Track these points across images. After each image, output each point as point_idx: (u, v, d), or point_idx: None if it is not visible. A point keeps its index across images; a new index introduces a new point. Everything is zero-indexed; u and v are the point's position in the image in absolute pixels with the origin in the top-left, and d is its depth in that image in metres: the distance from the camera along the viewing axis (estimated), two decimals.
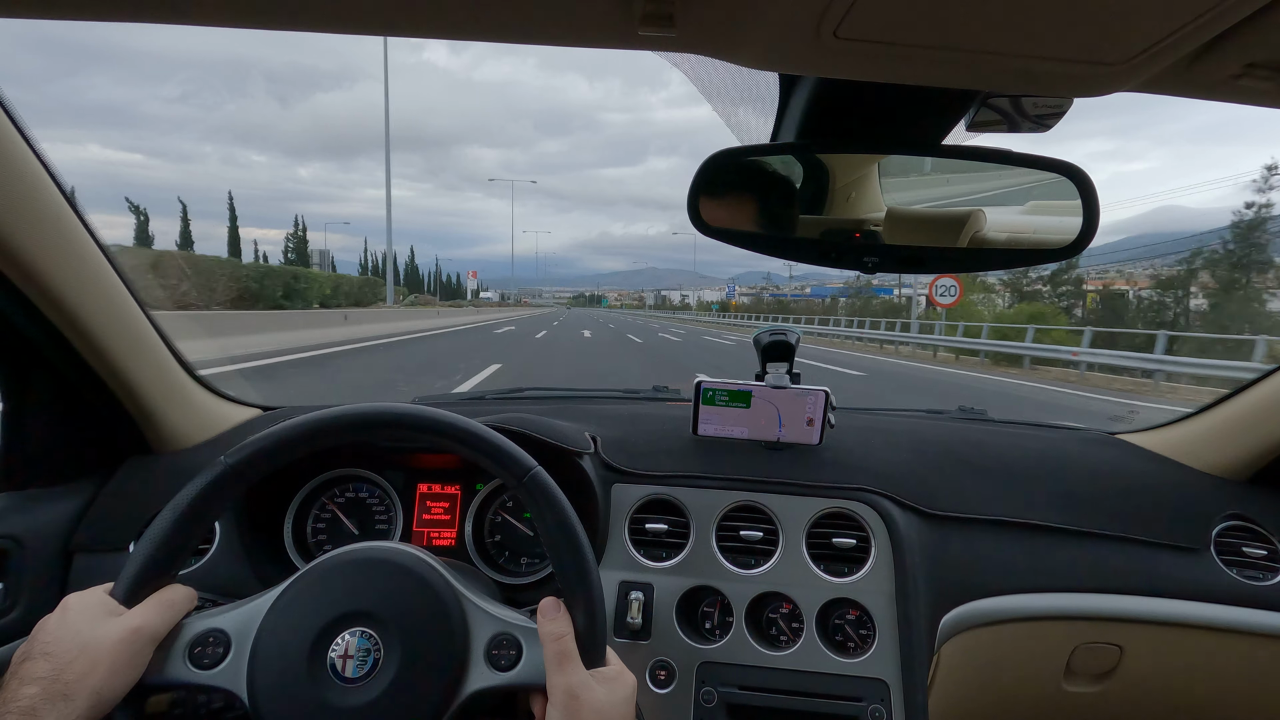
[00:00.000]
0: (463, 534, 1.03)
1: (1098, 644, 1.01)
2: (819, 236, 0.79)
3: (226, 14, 0.49)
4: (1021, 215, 0.77)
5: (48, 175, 0.76)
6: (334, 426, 0.67)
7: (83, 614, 0.58)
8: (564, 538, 0.66)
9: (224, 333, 11.61)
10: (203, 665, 0.61)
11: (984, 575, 0.98)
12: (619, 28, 0.48)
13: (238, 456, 0.64)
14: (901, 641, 0.89)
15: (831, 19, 0.44)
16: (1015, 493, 1.06)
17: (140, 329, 0.95)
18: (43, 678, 0.53)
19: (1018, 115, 0.62)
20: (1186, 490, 1.10)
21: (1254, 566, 1.03)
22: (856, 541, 0.95)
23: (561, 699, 0.59)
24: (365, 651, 0.61)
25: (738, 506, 0.99)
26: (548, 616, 0.64)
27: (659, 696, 0.89)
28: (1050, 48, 0.46)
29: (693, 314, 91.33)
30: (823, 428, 1.03)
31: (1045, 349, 15.26)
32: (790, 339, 1.04)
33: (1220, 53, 0.48)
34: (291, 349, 11.59)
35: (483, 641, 0.64)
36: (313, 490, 1.03)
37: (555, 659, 0.61)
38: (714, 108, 0.74)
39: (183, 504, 0.62)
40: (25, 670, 0.54)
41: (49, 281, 0.77)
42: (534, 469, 0.68)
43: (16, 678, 0.54)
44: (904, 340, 20.55)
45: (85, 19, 0.50)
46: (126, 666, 0.57)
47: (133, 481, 1.01)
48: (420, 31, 0.51)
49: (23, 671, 0.54)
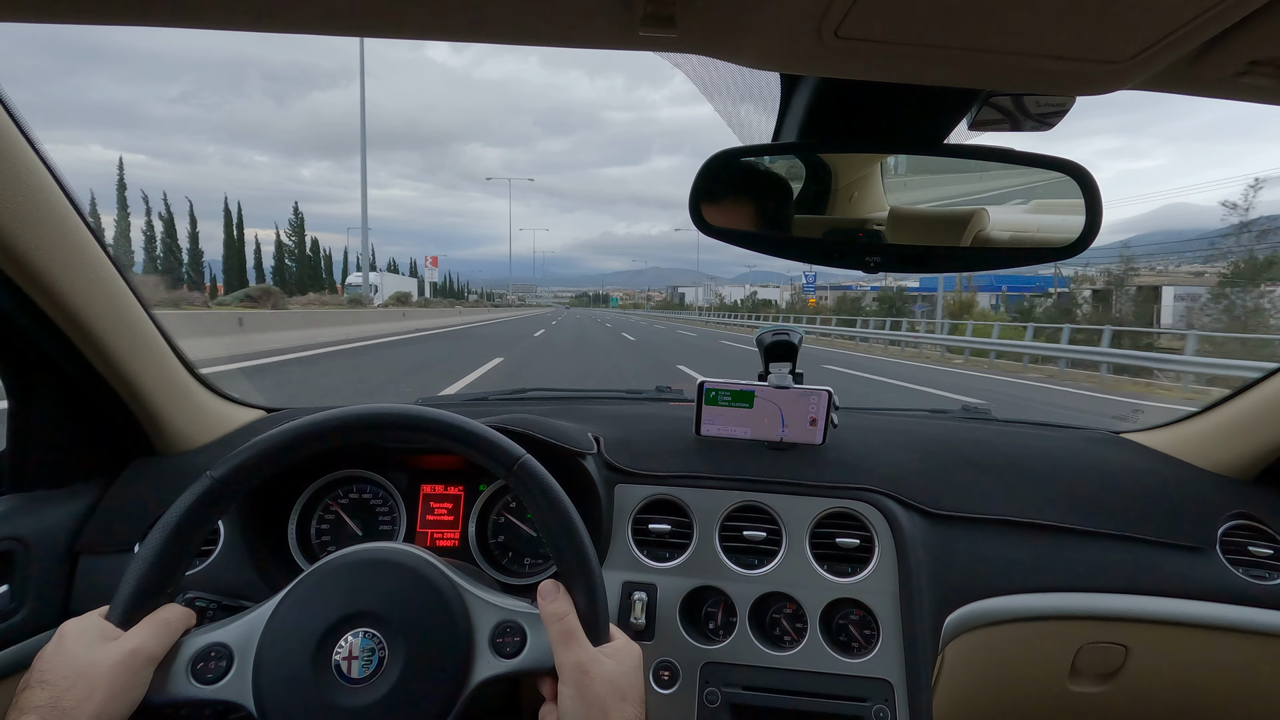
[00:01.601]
0: (466, 535, 1.03)
1: (1103, 644, 1.00)
2: (821, 236, 0.79)
3: (227, 17, 0.50)
4: (1024, 214, 0.77)
5: (50, 176, 0.76)
6: (322, 431, 0.67)
7: (78, 640, 0.58)
8: (558, 521, 0.66)
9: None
10: (206, 680, 0.61)
11: (988, 575, 0.98)
12: (619, 28, 0.48)
13: (223, 469, 0.64)
14: (905, 642, 0.89)
15: (832, 19, 0.44)
16: (1019, 492, 1.05)
17: (144, 330, 0.96)
18: (41, 705, 0.53)
19: (1020, 114, 0.61)
20: (1192, 489, 1.10)
21: (1260, 565, 1.02)
22: (860, 541, 0.95)
23: (572, 675, 0.59)
24: (370, 651, 0.61)
25: (741, 506, 0.99)
26: (548, 598, 0.64)
27: (663, 697, 0.89)
28: (1052, 46, 0.46)
29: (720, 319, 57.51)
30: (826, 428, 1.03)
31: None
32: (793, 339, 1.04)
33: (1222, 50, 0.48)
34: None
35: (486, 631, 0.64)
36: (317, 491, 1.04)
37: (561, 638, 0.61)
38: (715, 108, 0.74)
39: (171, 522, 0.62)
40: (23, 700, 0.54)
41: (53, 283, 0.78)
42: (523, 457, 0.68)
43: (15, 708, 0.54)
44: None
45: (85, 22, 0.50)
46: (125, 689, 0.57)
47: (138, 483, 1.01)
48: (420, 33, 0.51)
49: (21, 701, 0.54)
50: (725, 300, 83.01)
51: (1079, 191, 0.70)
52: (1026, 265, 0.81)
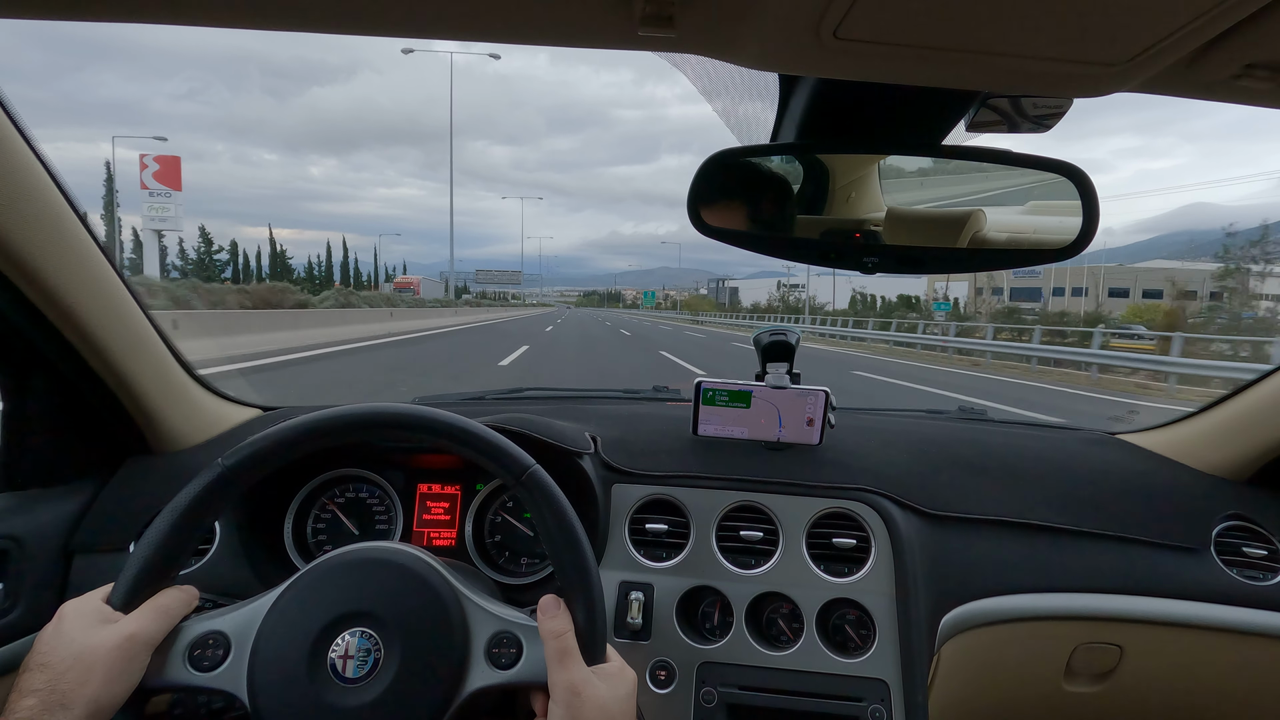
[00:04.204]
0: (463, 534, 1.03)
1: (1098, 644, 1.01)
2: (819, 237, 0.79)
3: (229, 15, 0.50)
4: (1021, 215, 0.77)
5: (47, 175, 0.76)
6: (333, 427, 0.67)
7: (77, 622, 0.58)
8: (563, 535, 0.66)
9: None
10: (202, 668, 0.61)
11: (984, 575, 0.98)
12: (619, 28, 0.48)
13: (235, 459, 0.64)
14: (901, 641, 0.89)
15: (831, 19, 0.44)
16: (1015, 493, 1.06)
17: (140, 329, 0.95)
18: (40, 689, 0.54)
19: (1017, 115, 0.62)
20: (1186, 490, 1.10)
21: (1254, 566, 1.03)
22: (856, 542, 0.95)
23: (563, 695, 0.59)
24: (365, 652, 0.61)
25: (738, 506, 0.99)
26: (548, 614, 0.64)
27: (659, 696, 0.89)
28: (1050, 48, 0.47)
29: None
30: (823, 428, 1.03)
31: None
32: (790, 339, 1.05)
33: (1220, 53, 0.48)
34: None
35: (483, 640, 0.64)
36: (313, 490, 1.03)
37: (556, 656, 0.61)
38: (714, 108, 0.74)
39: (180, 507, 0.62)
40: (23, 682, 0.55)
41: (48, 281, 0.77)
42: (532, 467, 0.68)
43: (16, 690, 0.55)
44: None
45: (88, 19, 0.50)
46: (123, 673, 0.57)
47: (133, 482, 1.01)
48: (422, 32, 0.51)
49: (21, 684, 0.55)
50: (789, 299, 52.89)
51: (1076, 193, 0.71)
52: (1023, 266, 0.81)
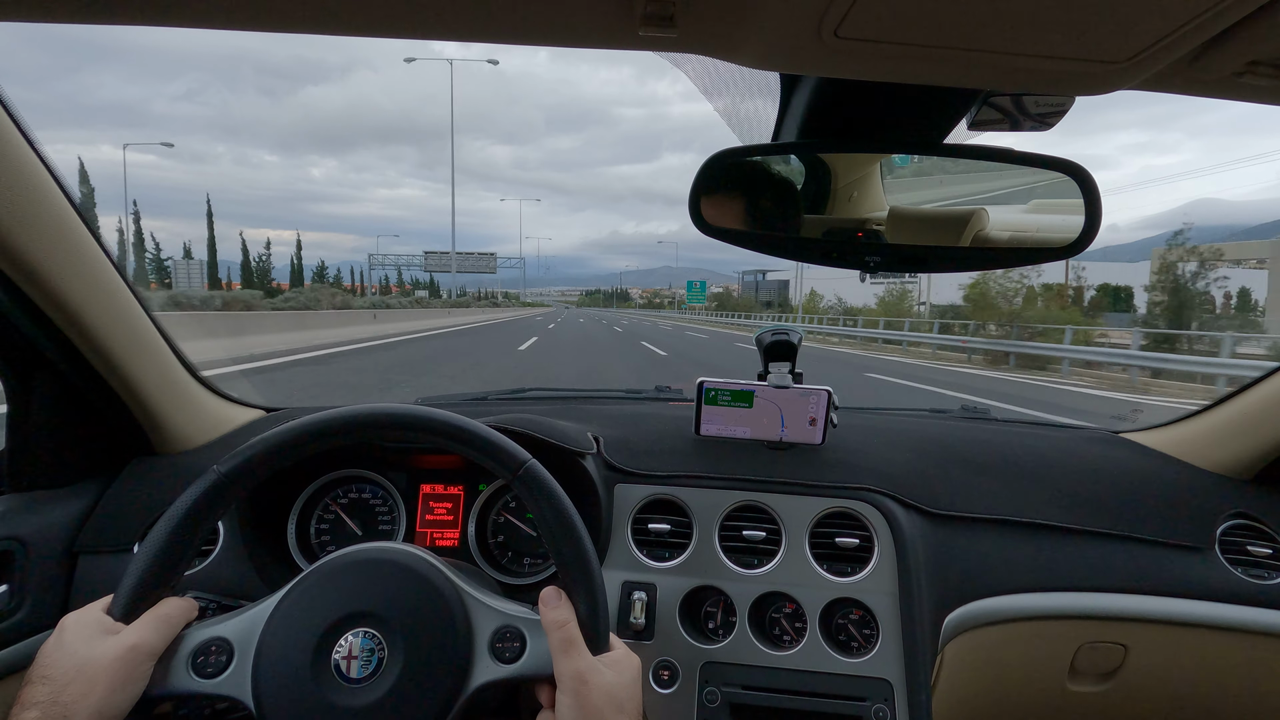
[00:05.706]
0: (466, 534, 1.03)
1: (1102, 643, 1.00)
2: (821, 236, 0.80)
3: (227, 16, 0.50)
4: (1024, 214, 0.77)
5: (50, 176, 0.76)
6: (327, 429, 0.67)
7: (79, 634, 0.58)
8: (561, 528, 0.66)
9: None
10: (206, 674, 0.61)
11: (987, 575, 0.98)
12: (619, 28, 0.48)
13: (230, 464, 0.64)
14: (905, 641, 0.89)
15: (832, 19, 0.44)
16: (1019, 492, 1.05)
17: (143, 330, 0.96)
18: (41, 701, 0.54)
19: (1019, 114, 0.62)
20: (1191, 489, 1.10)
21: (1259, 565, 1.03)
22: (859, 541, 0.95)
23: (570, 684, 0.59)
24: (369, 652, 0.61)
25: (740, 506, 0.99)
26: (550, 605, 0.64)
27: (662, 696, 0.89)
28: (1051, 47, 0.46)
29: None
30: (825, 427, 1.03)
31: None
32: (793, 339, 1.05)
33: (1222, 51, 0.48)
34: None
35: (486, 635, 0.64)
36: (316, 491, 1.04)
37: (561, 646, 0.61)
38: (716, 107, 0.74)
39: (176, 515, 0.62)
40: (26, 695, 0.55)
41: (52, 283, 0.78)
42: (528, 462, 0.68)
43: (19, 703, 0.55)
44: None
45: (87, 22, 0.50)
46: (125, 684, 0.57)
47: (137, 483, 1.01)
48: (421, 33, 0.51)
49: (24, 697, 0.55)
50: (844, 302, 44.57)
51: (1078, 191, 0.71)
52: (1025, 265, 0.81)
